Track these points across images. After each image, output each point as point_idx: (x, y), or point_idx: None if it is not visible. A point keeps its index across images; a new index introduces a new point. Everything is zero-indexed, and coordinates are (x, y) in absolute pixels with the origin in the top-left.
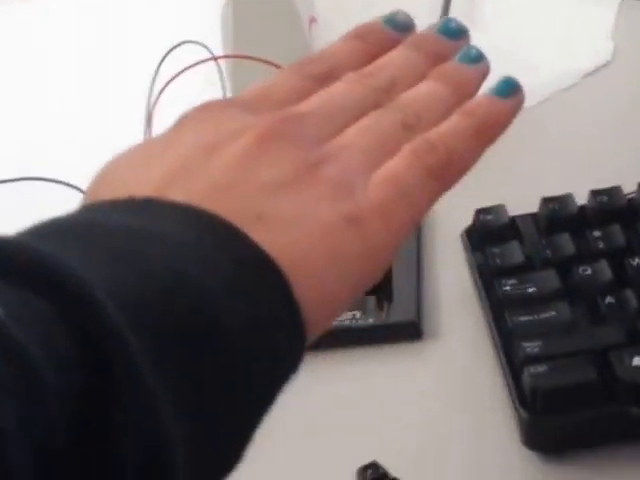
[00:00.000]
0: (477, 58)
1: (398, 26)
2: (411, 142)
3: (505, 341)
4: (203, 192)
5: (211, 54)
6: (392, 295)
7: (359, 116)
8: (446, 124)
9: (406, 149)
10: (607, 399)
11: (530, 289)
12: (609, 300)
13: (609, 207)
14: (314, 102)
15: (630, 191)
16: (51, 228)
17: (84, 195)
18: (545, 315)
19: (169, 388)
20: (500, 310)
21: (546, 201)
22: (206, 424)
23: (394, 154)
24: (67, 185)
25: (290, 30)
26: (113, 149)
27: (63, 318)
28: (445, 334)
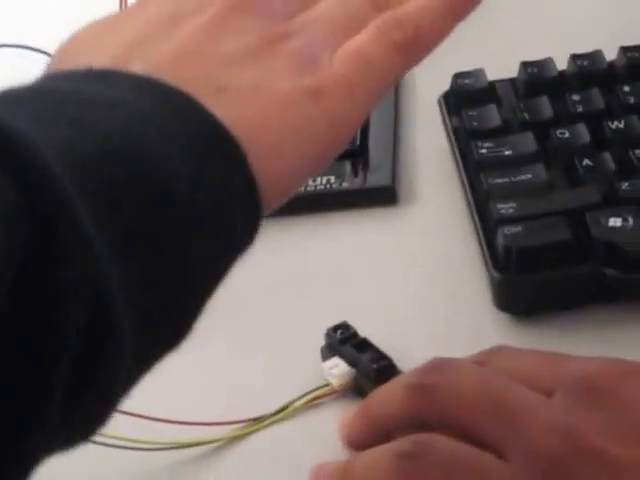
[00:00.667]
0: None
1: None
2: (378, 19)
3: (480, 203)
4: (163, 61)
5: None
6: (368, 160)
7: None
8: (415, 1)
9: (372, 25)
10: (581, 260)
11: (506, 152)
12: (586, 162)
13: (589, 71)
14: None
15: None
16: (7, 95)
17: (47, 66)
18: (521, 177)
19: (114, 250)
20: (476, 173)
21: (525, 65)
22: (156, 289)
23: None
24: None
25: None
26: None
27: (7, 174)
28: (421, 198)
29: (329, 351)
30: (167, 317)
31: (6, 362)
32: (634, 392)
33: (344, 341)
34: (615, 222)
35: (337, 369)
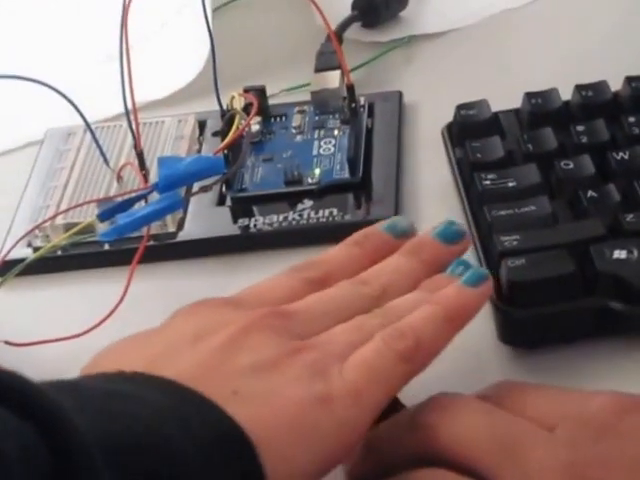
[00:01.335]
0: (476, 280)
1: (398, 232)
2: (383, 331)
3: (483, 236)
4: (185, 371)
5: None
6: (371, 192)
7: (345, 319)
8: (416, 312)
9: (377, 336)
10: (586, 293)
11: (510, 184)
12: (591, 194)
13: (594, 101)
14: (302, 304)
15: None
16: (49, 384)
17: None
18: (525, 209)
19: None
20: (479, 205)
21: (529, 96)
22: None
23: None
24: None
25: None
26: None
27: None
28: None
29: None
30: None
31: None
32: (636, 427)
33: None
34: (620, 254)
35: None
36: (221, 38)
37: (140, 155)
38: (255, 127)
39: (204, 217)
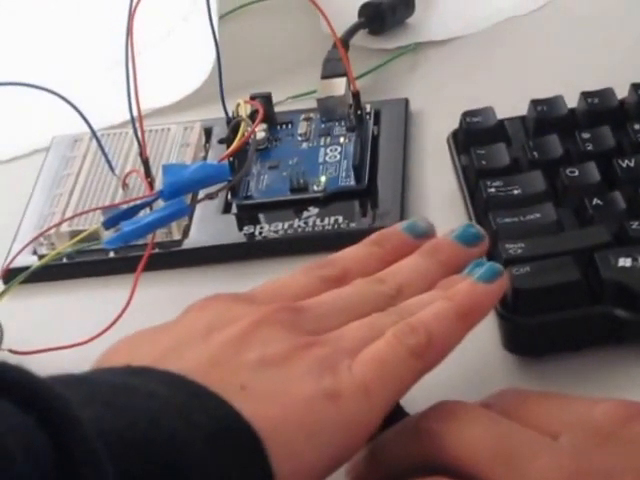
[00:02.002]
0: (490, 276)
1: (417, 233)
2: (394, 326)
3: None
4: (194, 365)
5: None
6: (377, 199)
7: (359, 317)
8: (428, 308)
9: (389, 332)
10: (591, 300)
11: (515, 191)
12: (596, 201)
13: (599, 109)
14: (316, 300)
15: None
16: (55, 378)
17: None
18: (530, 217)
19: None
20: (484, 212)
21: (535, 103)
22: None
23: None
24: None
25: None
26: None
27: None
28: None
29: None
30: None
31: None
32: None
33: None
34: (625, 262)
35: None
36: (227, 45)
37: (146, 162)
38: (261, 134)
39: (209, 224)
